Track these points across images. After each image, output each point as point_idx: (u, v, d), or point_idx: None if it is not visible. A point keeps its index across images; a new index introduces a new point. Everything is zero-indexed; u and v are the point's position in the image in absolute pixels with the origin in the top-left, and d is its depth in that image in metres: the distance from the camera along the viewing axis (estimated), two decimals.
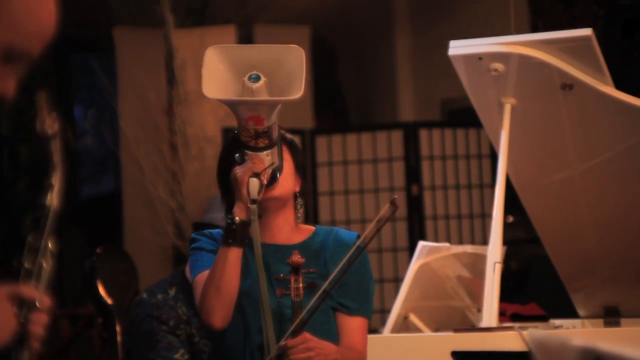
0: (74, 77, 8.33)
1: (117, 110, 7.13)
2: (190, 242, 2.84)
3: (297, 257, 2.70)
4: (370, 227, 2.67)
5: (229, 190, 2.74)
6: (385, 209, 2.68)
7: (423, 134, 6.74)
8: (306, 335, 2.63)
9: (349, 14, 7.98)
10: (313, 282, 2.70)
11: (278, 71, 2.62)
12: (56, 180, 1.83)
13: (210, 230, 2.84)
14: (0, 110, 6.72)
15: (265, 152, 2.66)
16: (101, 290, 5.00)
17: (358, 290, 2.78)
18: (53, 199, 1.82)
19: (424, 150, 6.73)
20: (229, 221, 2.67)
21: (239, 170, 2.66)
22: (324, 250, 2.80)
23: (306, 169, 2.87)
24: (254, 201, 2.62)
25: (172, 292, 3.72)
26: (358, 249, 2.75)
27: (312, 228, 2.89)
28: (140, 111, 7.06)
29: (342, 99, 8.28)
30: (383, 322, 4.51)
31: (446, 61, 3.65)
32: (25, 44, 1.66)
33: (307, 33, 7.40)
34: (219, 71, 2.61)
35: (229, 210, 2.77)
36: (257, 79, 2.60)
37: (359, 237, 2.82)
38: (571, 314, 4.09)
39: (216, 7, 7.26)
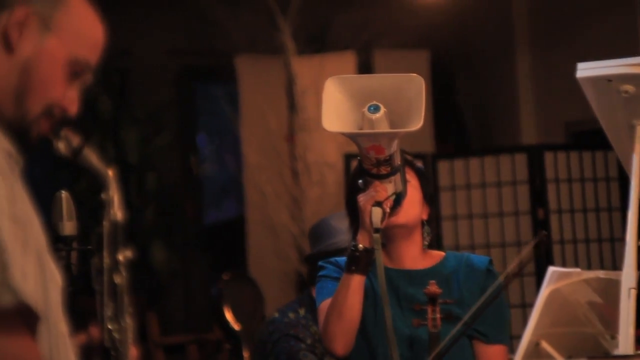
0: (197, 105, 8.46)
1: (240, 136, 7.22)
2: (318, 270, 2.86)
3: (434, 288, 2.67)
4: (518, 257, 2.65)
5: (356, 217, 2.74)
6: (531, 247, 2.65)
7: (548, 156, 6.65)
8: None
9: (468, 37, 7.94)
10: (450, 313, 2.67)
11: (397, 100, 2.60)
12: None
13: (337, 259, 2.84)
14: (127, 139, 6.86)
15: (387, 179, 2.66)
16: (228, 316, 5.04)
17: (495, 317, 2.75)
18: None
19: (549, 173, 6.63)
20: (352, 249, 2.67)
21: (362, 199, 2.66)
22: (455, 276, 2.77)
23: (434, 198, 2.85)
24: (377, 230, 2.62)
25: (302, 312, 3.74)
26: (495, 277, 2.73)
27: (442, 253, 2.86)
28: (262, 137, 7.13)
29: (462, 122, 8.23)
30: (512, 349, 4.45)
31: (569, 83, 3.59)
32: (88, 55, 1.71)
33: (426, 57, 7.38)
34: (339, 102, 2.60)
35: (354, 237, 2.77)
36: (377, 109, 2.58)
37: (491, 262, 2.80)
38: None
39: (336, 33, 7.31)
